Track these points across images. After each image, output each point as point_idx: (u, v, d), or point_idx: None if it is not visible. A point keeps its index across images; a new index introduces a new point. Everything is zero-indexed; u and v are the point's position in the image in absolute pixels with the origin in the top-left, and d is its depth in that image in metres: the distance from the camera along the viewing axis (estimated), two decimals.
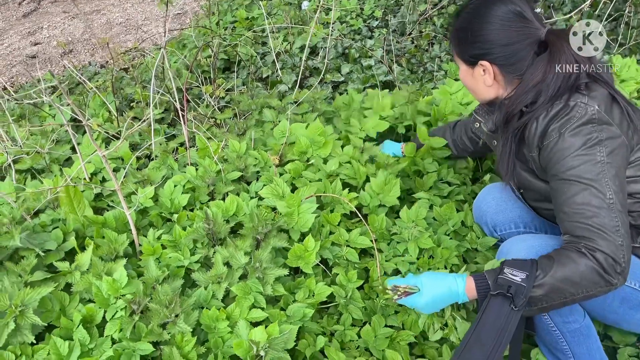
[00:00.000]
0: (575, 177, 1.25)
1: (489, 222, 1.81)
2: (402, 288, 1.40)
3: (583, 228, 1.22)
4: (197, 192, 1.97)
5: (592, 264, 1.18)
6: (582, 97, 1.30)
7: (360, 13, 3.80)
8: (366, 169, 1.96)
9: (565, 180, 1.27)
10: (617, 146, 1.27)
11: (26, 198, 1.91)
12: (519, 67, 1.38)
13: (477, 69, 1.45)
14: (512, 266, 1.28)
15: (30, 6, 5.45)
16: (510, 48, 1.36)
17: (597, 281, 1.19)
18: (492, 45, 1.38)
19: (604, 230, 1.20)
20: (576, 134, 1.26)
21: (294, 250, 1.63)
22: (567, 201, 1.26)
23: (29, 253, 1.59)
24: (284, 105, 2.49)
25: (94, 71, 3.63)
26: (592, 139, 1.25)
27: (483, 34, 1.38)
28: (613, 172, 1.24)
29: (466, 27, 1.43)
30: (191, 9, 4.88)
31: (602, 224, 1.20)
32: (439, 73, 3.11)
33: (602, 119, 1.27)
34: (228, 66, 3.33)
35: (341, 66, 3.17)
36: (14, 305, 1.35)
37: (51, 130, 2.46)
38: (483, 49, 1.40)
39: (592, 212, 1.21)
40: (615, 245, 1.18)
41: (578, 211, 1.24)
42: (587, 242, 1.20)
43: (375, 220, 1.80)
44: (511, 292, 1.23)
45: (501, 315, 1.23)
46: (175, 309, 1.41)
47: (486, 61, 1.41)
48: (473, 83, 1.50)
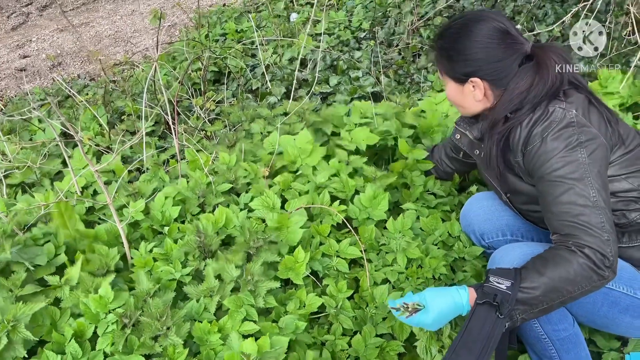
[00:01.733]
0: (559, 178, 1.32)
1: (477, 230, 1.83)
2: (410, 305, 1.37)
3: (570, 226, 1.28)
4: (188, 204, 1.98)
5: (584, 260, 1.23)
6: (561, 103, 1.39)
7: (348, 25, 3.86)
8: (354, 182, 1.99)
9: (551, 181, 1.33)
10: (596, 147, 1.34)
11: (17, 212, 1.92)
12: (506, 80, 1.45)
13: (467, 85, 1.51)
14: (496, 274, 1.31)
15: (19, 19, 5.45)
16: (499, 64, 1.43)
17: (590, 276, 1.23)
18: (482, 62, 1.44)
19: (590, 227, 1.25)
20: (557, 138, 1.34)
21: (284, 262, 1.65)
22: (553, 201, 1.32)
23: (19, 267, 1.60)
24: (274, 116, 2.52)
25: (84, 84, 3.64)
26: (573, 141, 1.33)
27: (472, 53, 1.44)
28: (595, 172, 1.31)
29: (453, 47, 1.48)
30: (180, 22, 4.91)
31: (587, 221, 1.26)
32: (425, 84, 3.16)
33: (580, 122, 1.35)
34: (218, 78, 3.36)
35: (330, 78, 3.21)
36: (6, 321, 1.36)
37: (42, 144, 2.46)
38: (473, 67, 1.46)
39: (578, 210, 1.27)
40: (601, 240, 1.24)
41: (564, 210, 1.30)
42: (575, 239, 1.26)
43: (365, 230, 1.83)
44: (497, 301, 1.25)
45: (488, 323, 1.25)
46: (166, 322, 1.43)
47: (477, 78, 1.47)
48: (461, 99, 1.56)
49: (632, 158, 1.43)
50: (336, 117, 2.39)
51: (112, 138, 2.55)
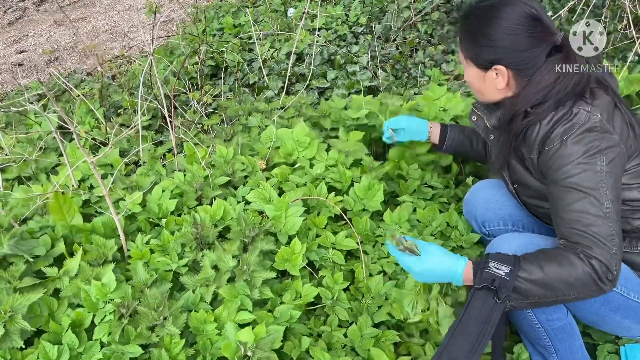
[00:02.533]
0: (574, 185, 1.27)
1: (479, 217, 1.82)
2: (408, 243, 1.35)
3: (580, 235, 1.25)
4: (185, 197, 1.99)
5: (589, 269, 1.21)
6: (586, 105, 1.32)
7: (345, 20, 3.86)
8: (352, 173, 2.00)
9: (565, 187, 1.29)
10: (616, 155, 1.29)
11: (14, 205, 1.92)
12: (532, 71, 1.37)
13: (489, 72, 1.42)
14: (496, 260, 1.29)
15: (16, 14, 5.44)
16: (527, 53, 1.35)
17: (590, 285, 1.22)
18: (509, 50, 1.36)
19: (600, 238, 1.23)
20: (578, 142, 1.28)
21: (281, 254, 1.66)
22: (565, 208, 1.28)
23: (17, 259, 1.60)
24: (271, 110, 2.52)
25: (80, 79, 3.64)
26: (593, 147, 1.27)
27: (499, 39, 1.36)
28: (611, 182, 1.27)
29: (479, 30, 1.39)
30: (178, 16, 4.90)
31: (598, 232, 1.23)
32: (422, 79, 3.16)
33: (603, 127, 1.29)
34: (215, 73, 3.36)
35: (327, 72, 3.21)
36: (3, 311, 1.37)
37: (38, 137, 2.46)
38: (499, 54, 1.38)
39: (590, 220, 1.24)
40: (610, 253, 1.22)
41: (576, 218, 1.26)
42: (584, 248, 1.23)
43: (360, 222, 1.84)
44: (495, 286, 1.24)
45: (485, 307, 1.25)
46: (163, 312, 1.43)
47: (501, 66, 1.39)
48: (482, 86, 1.48)
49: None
50: (334, 110, 2.40)
51: (109, 131, 2.55)
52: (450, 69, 3.22)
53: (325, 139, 2.32)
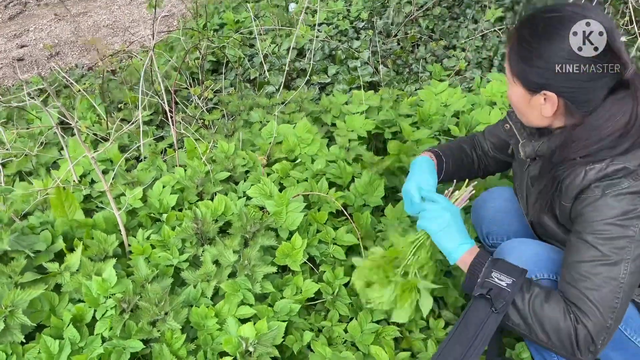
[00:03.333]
0: (598, 244, 1.15)
1: (483, 229, 1.76)
2: None
3: (580, 298, 1.15)
4: (186, 192, 1.99)
5: (571, 330, 1.14)
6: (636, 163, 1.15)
7: (347, 15, 3.85)
8: (352, 169, 2.00)
9: (586, 242, 1.17)
10: None
11: (14, 200, 1.92)
12: (588, 105, 1.18)
13: (537, 97, 1.22)
14: (500, 270, 1.24)
15: (16, 9, 5.43)
16: (586, 84, 1.15)
17: (565, 346, 1.16)
18: (569, 78, 1.15)
19: (600, 307, 1.13)
20: (620, 200, 1.14)
21: (282, 249, 1.66)
22: (578, 260, 1.18)
23: (18, 255, 1.61)
24: (272, 105, 2.52)
25: (81, 73, 3.63)
26: (634, 210, 1.13)
27: (555, 61, 1.15)
28: (638, 252, 1.14)
29: (533, 47, 1.18)
30: (178, 11, 4.89)
31: (600, 301, 1.13)
32: (423, 74, 3.16)
33: None
34: (216, 68, 3.35)
35: (328, 67, 3.20)
36: (4, 306, 1.37)
37: (39, 132, 2.46)
38: (552, 79, 1.17)
39: (597, 284, 1.14)
40: (602, 326, 1.13)
41: (585, 276, 1.15)
42: (578, 311, 1.14)
43: (361, 218, 1.84)
44: (490, 295, 1.21)
45: (482, 316, 1.23)
46: (164, 307, 1.44)
47: (553, 93, 1.19)
48: (526, 109, 1.28)
49: None
50: (336, 105, 2.40)
51: (109, 127, 2.55)
52: (451, 64, 3.21)
53: (326, 134, 2.32)
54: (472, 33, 3.47)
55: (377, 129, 2.29)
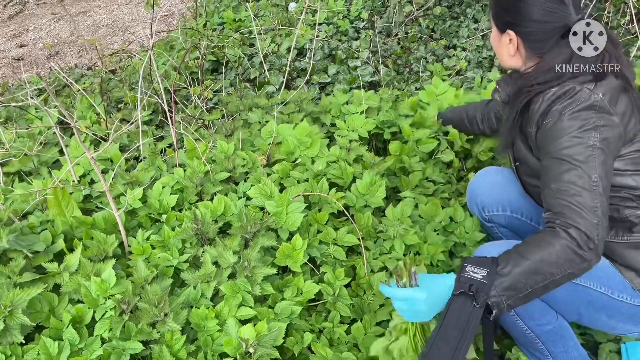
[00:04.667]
0: (566, 157, 1.31)
1: (479, 202, 1.85)
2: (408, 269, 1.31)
3: (564, 205, 1.27)
4: (186, 192, 1.98)
5: (567, 241, 1.22)
6: (590, 84, 1.35)
7: (347, 14, 3.84)
8: (353, 169, 1.99)
9: (557, 158, 1.32)
10: (611, 135, 1.32)
11: (14, 200, 1.91)
12: (541, 46, 1.43)
13: (504, 36, 1.49)
14: (472, 263, 1.28)
15: (16, 8, 5.42)
16: (538, 25, 1.40)
17: (572, 258, 1.22)
18: (523, 18, 1.41)
19: (583, 209, 1.24)
20: (575, 118, 1.32)
21: (282, 249, 1.66)
22: (554, 178, 1.32)
23: (17, 255, 1.60)
24: (271, 105, 2.51)
25: (81, 73, 3.62)
26: (589, 123, 1.30)
27: (519, 6, 1.42)
28: (602, 158, 1.29)
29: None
30: (178, 11, 4.88)
31: (582, 203, 1.25)
32: (424, 74, 3.15)
33: (603, 106, 1.32)
34: (216, 67, 3.34)
35: (328, 67, 3.20)
36: (3, 306, 1.36)
37: (39, 132, 2.45)
38: (513, 19, 1.44)
39: (575, 190, 1.27)
40: (591, 223, 1.23)
41: (563, 188, 1.29)
42: (565, 218, 1.25)
43: (362, 218, 1.83)
44: (472, 291, 1.23)
45: (464, 312, 1.23)
46: (164, 308, 1.43)
47: (513, 32, 1.46)
48: (499, 48, 1.55)
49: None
50: (335, 105, 2.39)
51: (109, 126, 2.54)
52: (452, 64, 3.20)
53: (327, 134, 2.31)
54: (473, 32, 3.46)
55: (377, 129, 2.29)
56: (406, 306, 1.31)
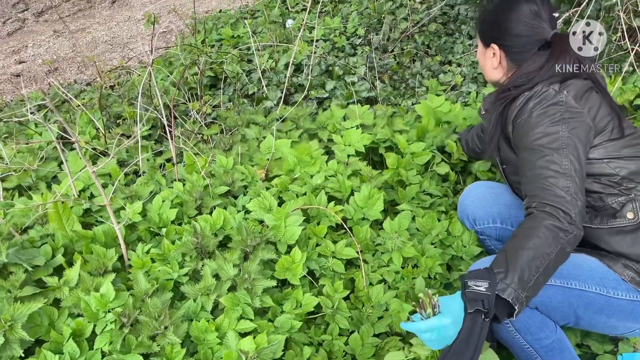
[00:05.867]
0: (538, 147, 1.42)
1: (470, 215, 1.89)
2: (431, 300, 1.28)
3: (538, 187, 1.37)
4: (185, 206, 2.00)
5: (546, 220, 1.30)
6: (556, 85, 1.49)
7: (343, 31, 3.89)
8: (351, 182, 2.01)
9: (531, 149, 1.44)
10: (579, 125, 1.44)
11: (14, 214, 1.92)
12: (521, 58, 1.59)
13: (489, 50, 1.66)
14: (472, 278, 1.28)
15: (15, 25, 5.46)
16: (519, 40, 1.56)
17: (556, 233, 1.29)
18: (506, 33, 1.58)
19: (555, 188, 1.35)
20: (543, 113, 1.45)
21: (281, 262, 1.67)
22: (529, 166, 1.43)
23: (17, 268, 1.60)
24: (269, 121, 2.54)
25: (80, 89, 3.65)
26: (557, 117, 1.44)
27: (502, 22, 1.58)
28: (572, 145, 1.41)
29: (492, 12, 1.63)
30: (177, 27, 4.94)
31: (554, 183, 1.35)
32: (420, 89, 3.19)
33: (568, 102, 1.45)
34: (214, 83, 3.38)
35: (325, 83, 3.23)
36: (4, 320, 1.37)
37: (38, 147, 2.47)
38: (497, 34, 1.60)
39: (548, 174, 1.38)
40: (565, 199, 1.32)
41: (537, 173, 1.40)
42: (539, 199, 1.35)
43: (360, 231, 1.85)
44: (487, 308, 1.23)
45: (475, 328, 1.24)
46: (164, 321, 1.44)
47: (496, 45, 1.62)
48: (483, 62, 1.71)
49: (619, 145, 1.49)
50: (332, 120, 2.42)
51: (109, 142, 2.56)
52: (447, 79, 3.25)
53: (325, 148, 2.34)
54: (467, 48, 3.51)
55: (372, 143, 2.32)
56: (435, 336, 1.27)
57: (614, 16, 3.05)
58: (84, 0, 5.95)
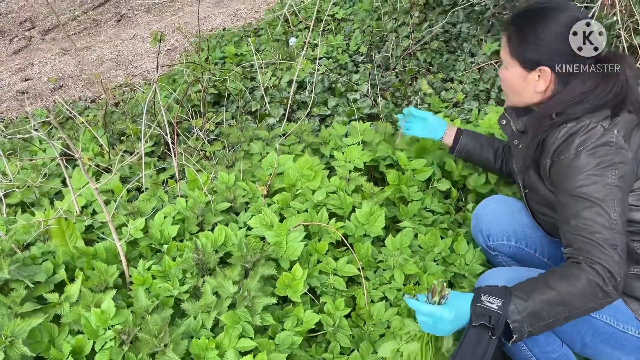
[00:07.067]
0: (584, 195, 1.31)
1: (484, 230, 1.85)
2: (440, 288, 1.32)
3: (585, 242, 1.28)
4: (187, 223, 2.00)
5: (592, 276, 1.24)
6: (604, 121, 1.37)
7: (346, 49, 3.92)
8: (352, 199, 2.01)
9: (575, 196, 1.33)
10: (626, 172, 1.34)
11: (16, 231, 1.93)
12: (571, 78, 1.43)
13: (533, 73, 1.47)
14: (487, 293, 1.29)
15: (21, 43, 5.53)
16: (573, 59, 1.42)
17: (596, 292, 1.24)
18: (558, 53, 1.42)
19: (604, 246, 1.26)
20: (592, 154, 1.33)
21: (282, 279, 1.66)
22: (573, 215, 1.32)
23: (18, 285, 1.60)
24: (272, 137, 2.55)
25: (84, 106, 3.68)
26: (606, 160, 1.32)
27: (550, 40, 1.41)
28: (620, 195, 1.31)
29: (531, 29, 1.44)
30: (181, 45, 4.99)
31: (603, 240, 1.26)
32: (422, 106, 3.20)
33: (618, 143, 1.34)
34: (217, 100, 3.40)
35: (328, 100, 3.25)
36: (4, 336, 1.36)
37: (42, 164, 2.48)
38: (547, 55, 1.43)
39: (595, 228, 1.28)
40: (613, 260, 1.25)
41: (582, 225, 1.30)
42: (588, 255, 1.26)
43: (362, 248, 1.84)
44: (492, 323, 1.24)
45: (481, 344, 1.24)
46: (164, 339, 1.43)
47: (547, 67, 1.44)
48: (521, 86, 1.52)
49: None
50: (334, 137, 2.43)
51: (112, 158, 2.57)
52: (449, 96, 3.26)
53: (327, 164, 2.34)
54: (469, 66, 3.53)
55: (373, 161, 2.32)
56: (431, 322, 1.33)
57: (614, 34, 3.07)
58: (90, 19, 6.04)
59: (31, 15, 6.18)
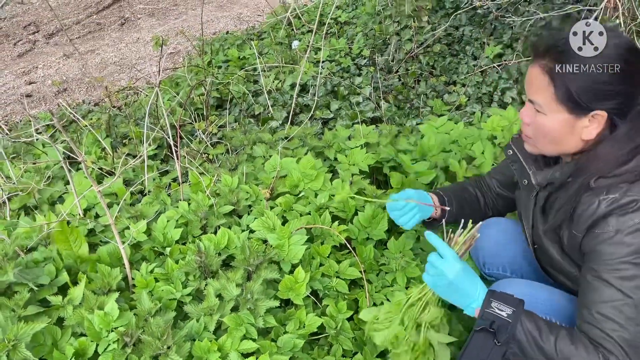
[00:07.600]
0: (618, 284, 1.14)
1: (480, 258, 1.81)
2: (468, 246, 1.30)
3: (604, 338, 1.13)
4: (190, 226, 2.00)
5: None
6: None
7: (349, 52, 3.93)
8: (355, 202, 2.01)
9: (604, 281, 1.16)
10: None
11: (18, 235, 1.93)
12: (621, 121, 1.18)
13: (584, 118, 1.19)
14: (498, 300, 1.26)
15: (26, 46, 5.56)
16: (635, 101, 1.16)
17: None
18: (619, 94, 1.15)
19: (624, 346, 1.11)
20: (635, 237, 1.13)
21: (284, 282, 1.66)
22: (598, 304, 1.16)
23: (22, 288, 1.61)
24: (275, 140, 2.56)
25: (88, 109, 3.70)
26: None
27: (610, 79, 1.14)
28: None
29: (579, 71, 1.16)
30: (184, 49, 5.01)
31: (625, 340, 1.12)
32: (424, 109, 3.21)
33: None
34: (220, 104, 3.41)
35: (330, 103, 3.26)
36: (7, 339, 1.37)
37: (45, 167, 2.49)
38: (605, 97, 1.15)
39: (620, 325, 1.12)
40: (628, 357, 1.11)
41: (605, 317, 1.14)
42: (606, 352, 1.12)
43: (364, 251, 1.84)
44: (494, 328, 1.21)
45: (485, 350, 1.22)
46: (167, 341, 1.43)
47: (604, 111, 1.16)
48: (565, 133, 1.22)
49: None
50: (337, 140, 2.43)
51: (115, 161, 2.58)
52: (452, 99, 3.27)
53: (330, 167, 2.35)
54: (472, 69, 3.53)
55: (377, 163, 2.32)
56: (437, 266, 1.31)
57: None
58: (93, 23, 6.07)
59: (35, 19, 6.21)
